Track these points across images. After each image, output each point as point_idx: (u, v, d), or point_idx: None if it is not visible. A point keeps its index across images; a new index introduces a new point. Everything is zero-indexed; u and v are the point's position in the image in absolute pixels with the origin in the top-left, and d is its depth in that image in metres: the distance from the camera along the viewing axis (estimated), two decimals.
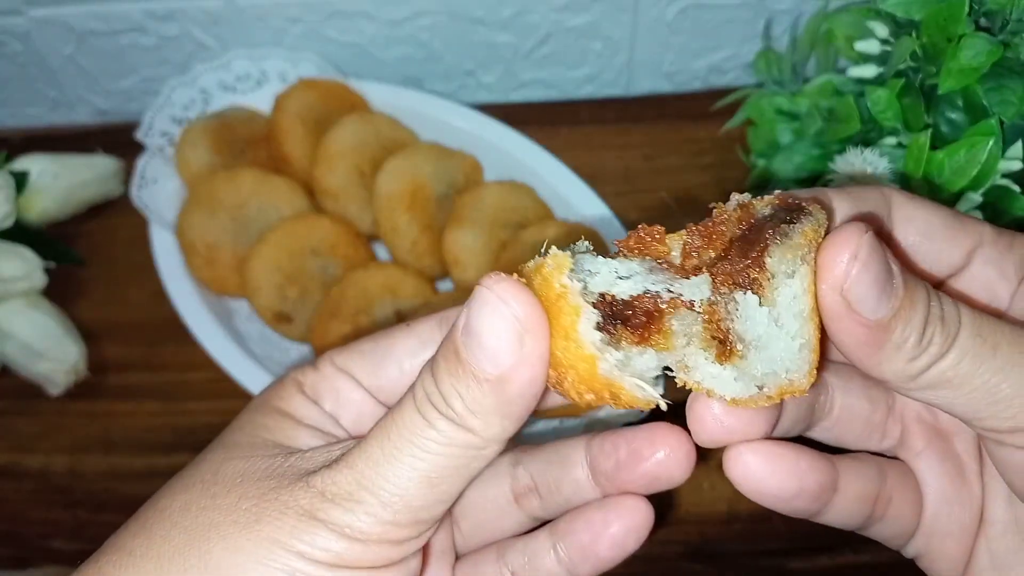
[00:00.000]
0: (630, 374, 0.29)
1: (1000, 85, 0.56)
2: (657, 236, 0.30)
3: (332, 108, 0.78)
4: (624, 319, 0.29)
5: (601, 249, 0.31)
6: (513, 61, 0.86)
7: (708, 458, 0.67)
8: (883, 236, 0.33)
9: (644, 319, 0.29)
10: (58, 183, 0.78)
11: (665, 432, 0.34)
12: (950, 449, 0.35)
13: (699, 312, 0.29)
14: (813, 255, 0.29)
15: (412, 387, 0.31)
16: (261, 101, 0.80)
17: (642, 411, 0.31)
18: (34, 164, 0.78)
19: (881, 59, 0.63)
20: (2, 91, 0.90)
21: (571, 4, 0.80)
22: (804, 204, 0.30)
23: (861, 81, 0.64)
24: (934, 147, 0.58)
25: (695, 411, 0.31)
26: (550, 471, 0.36)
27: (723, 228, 0.30)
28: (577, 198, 0.75)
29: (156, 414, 0.72)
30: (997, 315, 0.32)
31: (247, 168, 0.74)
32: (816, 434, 0.36)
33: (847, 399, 0.36)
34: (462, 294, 0.69)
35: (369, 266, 0.70)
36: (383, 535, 0.30)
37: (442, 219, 0.73)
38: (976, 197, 0.57)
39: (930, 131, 0.58)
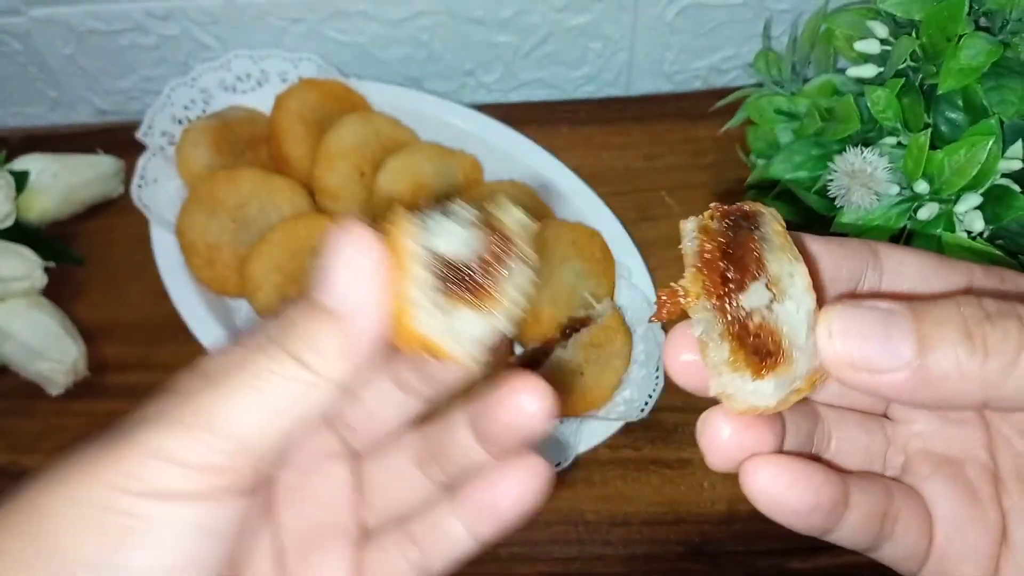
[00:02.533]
0: (451, 335, 0.29)
1: (1000, 85, 0.56)
2: (681, 293, 0.29)
3: (332, 108, 0.78)
4: (456, 281, 0.30)
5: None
6: (513, 61, 0.86)
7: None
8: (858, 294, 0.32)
9: (472, 283, 0.30)
10: (58, 183, 0.78)
11: (524, 379, 0.33)
12: (960, 474, 0.34)
13: (722, 340, 0.29)
14: (795, 250, 0.29)
15: (258, 330, 0.31)
16: (261, 101, 0.80)
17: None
18: (34, 164, 0.78)
19: (881, 59, 0.63)
20: (2, 90, 0.90)
21: (571, 4, 0.80)
22: (749, 210, 0.30)
23: (861, 81, 0.64)
24: (934, 147, 0.58)
25: (708, 436, 0.31)
26: (443, 436, 0.35)
27: (711, 258, 0.29)
28: (577, 198, 0.75)
29: None
30: None
31: (247, 168, 0.74)
32: (823, 453, 0.36)
33: (843, 431, 0.35)
34: None
35: None
36: (220, 465, 0.29)
37: None
38: (976, 197, 0.57)
39: (930, 131, 0.58)
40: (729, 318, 0.28)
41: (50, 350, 0.71)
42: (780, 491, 0.30)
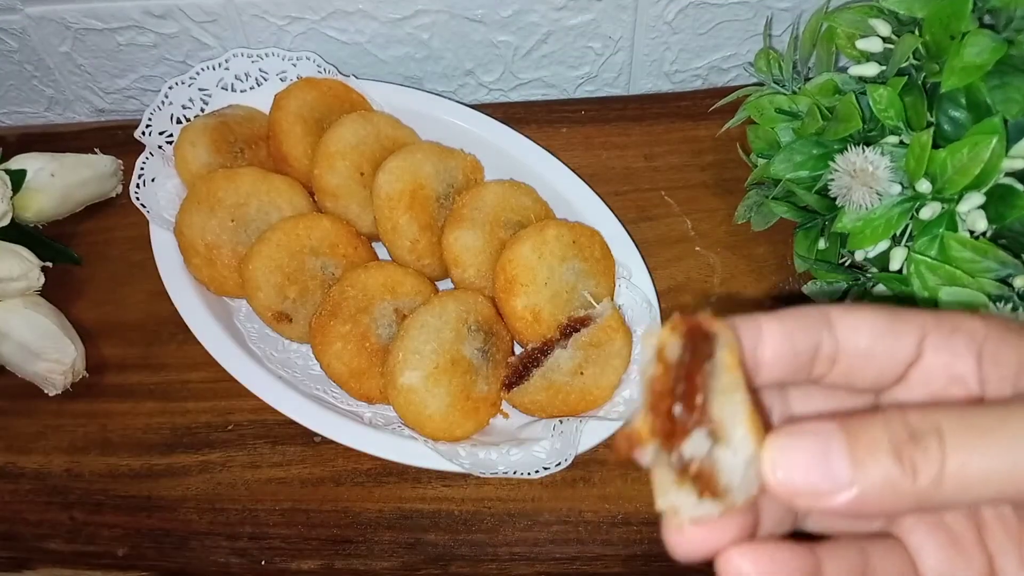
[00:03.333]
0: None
1: (1004, 83, 0.56)
2: (636, 438, 0.31)
3: (332, 107, 0.78)
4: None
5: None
6: (513, 61, 0.85)
7: None
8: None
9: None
10: (56, 182, 0.78)
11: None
12: (940, 522, 0.35)
13: (669, 469, 0.31)
14: (743, 385, 0.30)
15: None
16: (260, 100, 0.80)
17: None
18: (31, 163, 0.77)
19: (883, 57, 0.63)
20: None
21: (571, 3, 0.80)
22: (708, 330, 0.31)
23: (863, 79, 0.64)
24: (936, 146, 0.58)
25: (671, 532, 0.32)
26: None
27: (661, 391, 0.31)
28: (577, 198, 0.75)
29: (155, 414, 0.72)
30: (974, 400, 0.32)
31: (247, 167, 0.73)
32: (805, 526, 0.36)
33: None
34: (462, 293, 0.68)
35: (369, 266, 0.70)
36: None
37: (442, 219, 0.73)
38: (979, 196, 0.57)
39: (932, 130, 0.57)
40: (672, 461, 0.30)
41: (48, 350, 0.71)
42: None
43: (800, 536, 0.35)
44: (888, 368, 0.33)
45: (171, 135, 0.77)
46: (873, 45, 0.63)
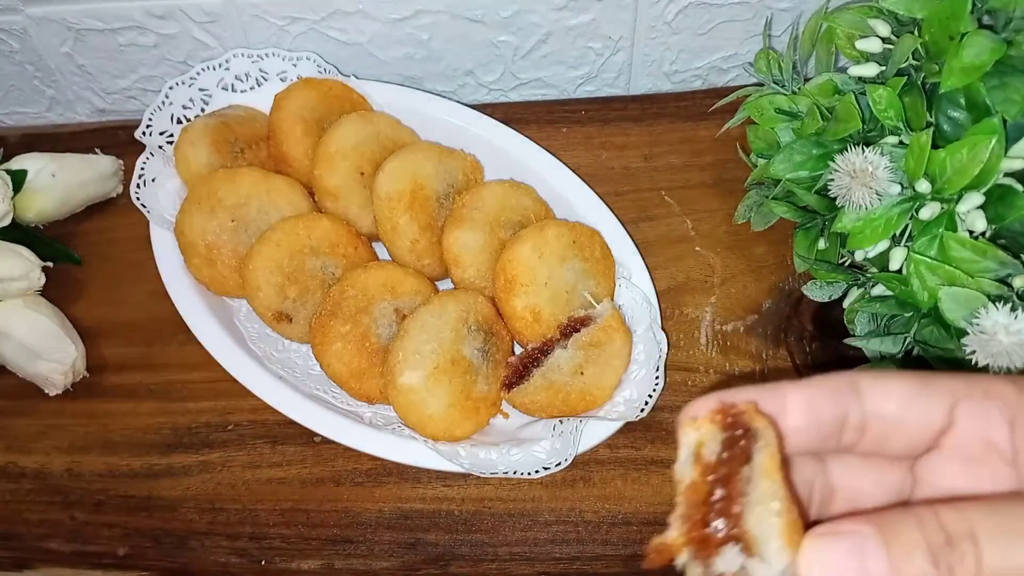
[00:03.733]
0: None
1: (1003, 83, 0.56)
2: (672, 549, 0.31)
3: (332, 107, 0.78)
4: None
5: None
6: (513, 61, 0.86)
7: None
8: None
9: None
10: (56, 182, 0.78)
11: None
12: None
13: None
14: (783, 493, 0.30)
15: None
16: (260, 100, 0.80)
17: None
18: (32, 163, 0.78)
19: (882, 57, 0.63)
20: None
21: (571, 3, 0.80)
22: (748, 425, 0.31)
23: (862, 80, 0.64)
24: (936, 146, 0.58)
25: None
26: None
27: (697, 500, 0.31)
28: (577, 198, 0.75)
29: (155, 414, 0.72)
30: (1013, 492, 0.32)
31: (247, 167, 0.74)
32: None
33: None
34: (462, 293, 0.69)
35: (369, 266, 0.70)
36: None
37: (442, 219, 0.73)
38: (978, 196, 0.57)
39: (932, 130, 0.57)
40: (702, 571, 0.30)
41: (49, 350, 0.71)
42: None
43: None
44: (919, 436, 0.33)
45: (171, 135, 0.77)
46: (873, 45, 0.63)
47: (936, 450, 0.34)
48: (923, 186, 0.58)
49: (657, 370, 0.66)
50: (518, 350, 0.70)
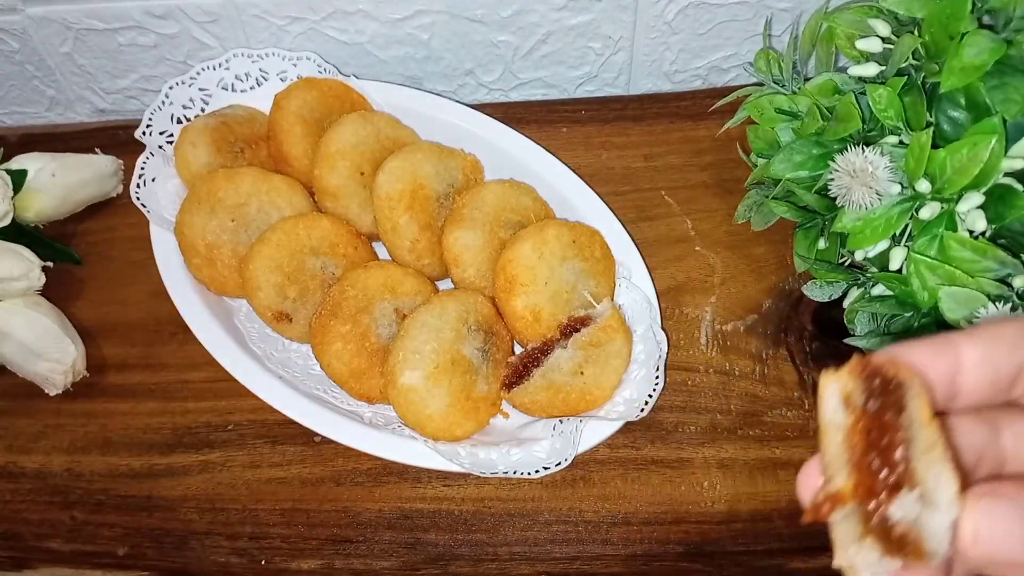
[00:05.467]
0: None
1: (1003, 83, 0.56)
2: (839, 499, 0.29)
3: (332, 107, 0.78)
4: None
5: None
6: (513, 60, 0.86)
7: (707, 457, 0.67)
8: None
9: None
10: (56, 182, 0.78)
11: None
12: None
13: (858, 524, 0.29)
14: (942, 443, 0.28)
15: None
16: (260, 100, 0.80)
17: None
18: (32, 163, 0.78)
19: (882, 57, 0.63)
20: None
21: (571, 3, 0.80)
22: (895, 377, 0.29)
23: (862, 79, 0.64)
24: (936, 146, 0.58)
25: None
26: None
27: (862, 447, 0.29)
28: (577, 198, 0.75)
29: (155, 414, 0.72)
30: None
31: (247, 167, 0.74)
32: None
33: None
34: (462, 292, 0.69)
35: (369, 265, 0.70)
36: None
37: (442, 218, 0.73)
38: (978, 196, 0.57)
39: (932, 130, 0.57)
40: (875, 522, 0.28)
41: (49, 350, 0.71)
42: None
43: None
44: None
45: (171, 135, 0.77)
46: (873, 45, 0.63)
47: None
48: (923, 186, 0.58)
49: (657, 370, 0.66)
50: (518, 350, 0.70)
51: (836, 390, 0.30)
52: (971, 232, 0.58)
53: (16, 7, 0.81)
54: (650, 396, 0.66)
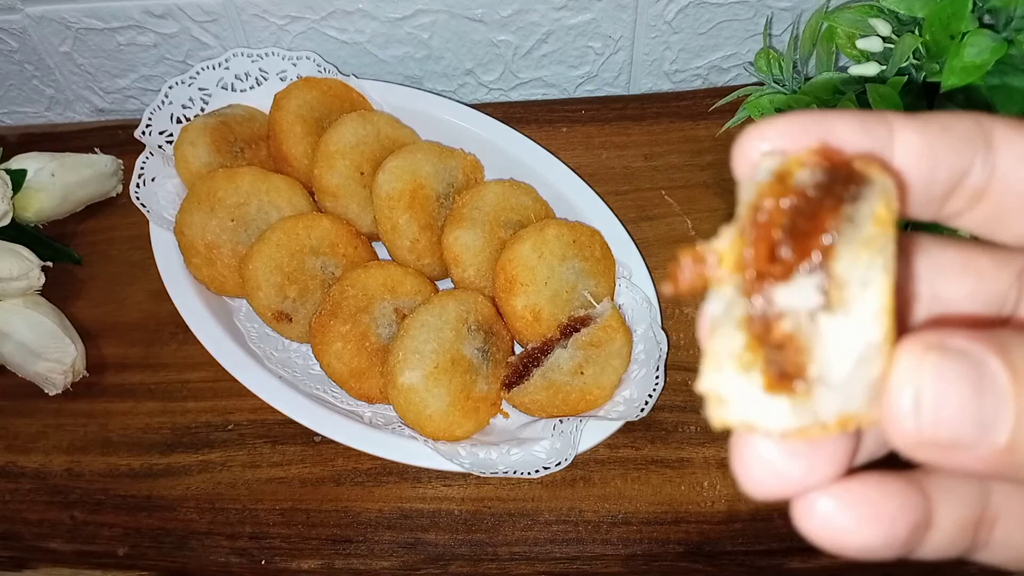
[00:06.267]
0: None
1: (1004, 83, 0.56)
2: (711, 259, 0.22)
3: (332, 107, 0.78)
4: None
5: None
6: (513, 60, 0.85)
7: (707, 457, 0.67)
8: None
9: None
10: (56, 182, 0.78)
11: None
12: None
13: (737, 329, 0.21)
14: (892, 252, 0.21)
15: None
16: (260, 100, 0.80)
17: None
18: (31, 162, 0.77)
19: (883, 57, 0.63)
20: None
21: (571, 3, 0.80)
22: (858, 168, 0.22)
23: (863, 79, 0.64)
24: None
25: (740, 457, 0.23)
26: None
27: (771, 214, 0.21)
28: (577, 197, 0.75)
29: (155, 414, 0.72)
30: None
31: (247, 167, 0.73)
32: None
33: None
34: (462, 292, 0.68)
35: (369, 265, 0.70)
36: None
37: (442, 218, 0.73)
38: None
39: None
40: (752, 307, 0.21)
41: (49, 350, 0.71)
42: (845, 530, 0.23)
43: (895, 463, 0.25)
44: None
45: (171, 135, 0.77)
46: (873, 45, 0.63)
47: None
48: None
49: (657, 370, 0.66)
50: (518, 350, 0.70)
51: (772, 163, 0.22)
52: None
53: (15, 6, 0.80)
54: (650, 396, 0.66)
